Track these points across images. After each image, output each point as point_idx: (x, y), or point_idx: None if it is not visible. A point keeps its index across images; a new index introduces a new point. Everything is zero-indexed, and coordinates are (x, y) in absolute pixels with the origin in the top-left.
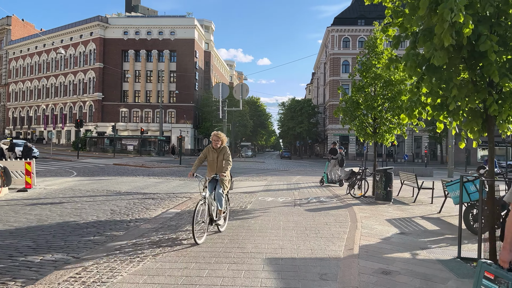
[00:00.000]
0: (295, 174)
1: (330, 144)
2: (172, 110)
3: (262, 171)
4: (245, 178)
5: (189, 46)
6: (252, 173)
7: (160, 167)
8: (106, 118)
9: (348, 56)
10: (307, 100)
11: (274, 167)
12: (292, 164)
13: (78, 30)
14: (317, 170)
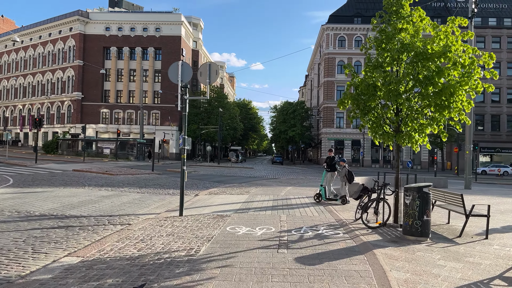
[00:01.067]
0: (285, 184)
1: (326, 151)
2: (157, 111)
3: (248, 179)
4: (222, 190)
5: (176, 44)
6: (235, 182)
7: (127, 174)
8: (86, 119)
9: (344, 56)
10: (300, 102)
11: (263, 174)
12: (283, 171)
13: (57, 26)
14: (311, 179)
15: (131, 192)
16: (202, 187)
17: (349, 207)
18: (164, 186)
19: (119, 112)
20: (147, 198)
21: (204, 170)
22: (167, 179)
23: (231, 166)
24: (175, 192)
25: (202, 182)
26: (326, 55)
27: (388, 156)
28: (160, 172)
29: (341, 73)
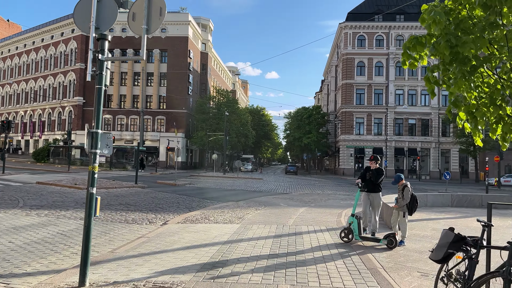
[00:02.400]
0: (297, 203)
1: (345, 159)
2: (162, 117)
3: (251, 195)
4: (206, 215)
5: (182, 45)
6: (232, 200)
7: (101, 188)
8: (87, 126)
9: (364, 56)
10: (316, 107)
11: (271, 188)
12: (297, 183)
13: (59, 28)
14: (330, 194)
15: (70, 218)
16: (183, 208)
17: (408, 260)
18: (132, 207)
19: (122, 118)
20: (81, 231)
21: (203, 182)
22: (145, 195)
23: (238, 176)
24: (140, 217)
25: (189, 199)
26: (344, 55)
27: (414, 165)
28: (144, 186)
29: (361, 75)
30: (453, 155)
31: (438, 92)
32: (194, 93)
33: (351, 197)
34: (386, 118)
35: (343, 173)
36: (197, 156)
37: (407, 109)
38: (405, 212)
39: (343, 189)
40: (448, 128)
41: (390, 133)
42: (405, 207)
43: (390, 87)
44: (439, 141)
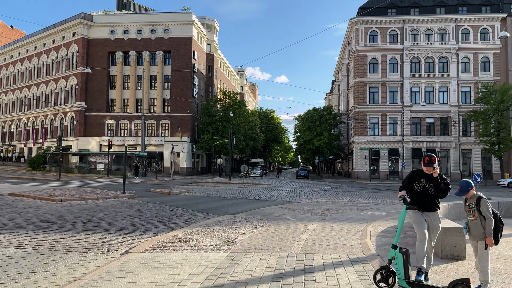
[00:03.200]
0: (308, 215)
1: (359, 162)
2: (166, 121)
3: (254, 205)
4: (187, 237)
5: (186, 46)
6: (230, 212)
7: (77, 200)
8: (90, 131)
9: (377, 52)
10: (327, 108)
11: (279, 195)
12: (308, 189)
13: (60, 31)
14: (347, 202)
15: (3, 246)
16: (165, 226)
17: None
18: (100, 225)
19: (125, 122)
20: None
21: (203, 190)
22: (127, 208)
23: (244, 182)
24: (101, 241)
25: (177, 213)
26: (356, 52)
27: None
28: (132, 195)
29: (374, 72)
30: (475, 156)
31: (457, 89)
32: (199, 96)
33: (372, 205)
34: (402, 118)
35: (357, 177)
36: (203, 161)
37: (424, 108)
38: (485, 242)
39: (360, 195)
40: (469, 127)
41: (406, 133)
42: (481, 227)
43: (405, 84)
44: (459, 141)
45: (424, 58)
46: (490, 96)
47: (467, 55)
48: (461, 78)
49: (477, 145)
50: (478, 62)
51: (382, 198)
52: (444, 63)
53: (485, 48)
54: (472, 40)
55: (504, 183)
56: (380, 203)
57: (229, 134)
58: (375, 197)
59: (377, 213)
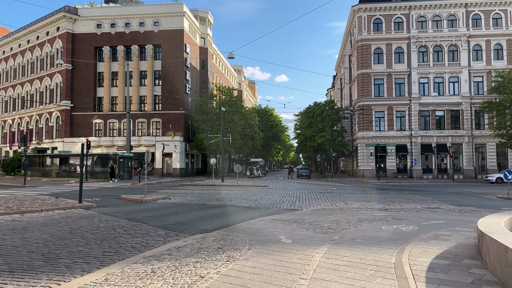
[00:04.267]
0: (309, 235)
1: (364, 159)
2: (157, 119)
3: (240, 215)
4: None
5: (178, 39)
6: (203, 228)
7: (15, 213)
8: (76, 132)
9: (381, 42)
10: (329, 102)
11: (274, 200)
12: (310, 190)
13: (44, 26)
14: (359, 209)
15: None
16: (91, 259)
17: None
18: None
19: (114, 122)
20: None
21: (186, 195)
22: (66, 226)
23: (238, 184)
24: None
25: (134, 229)
26: (359, 42)
27: (444, 163)
28: (91, 205)
29: (379, 63)
30: (489, 150)
31: (469, 78)
32: (193, 92)
33: (391, 213)
34: (410, 111)
35: (362, 175)
36: (199, 161)
37: (433, 100)
38: None
39: (371, 198)
40: (482, 120)
41: (415, 128)
42: None
43: (412, 75)
44: (472, 135)
45: (432, 47)
46: (506, 85)
47: (478, 42)
48: (473, 67)
49: (492, 138)
50: (491, 50)
51: (400, 202)
52: (454, 52)
53: (497, 35)
54: (484, 26)
55: (492, 178)
56: (401, 210)
57: (221, 131)
58: (390, 200)
59: (404, 226)
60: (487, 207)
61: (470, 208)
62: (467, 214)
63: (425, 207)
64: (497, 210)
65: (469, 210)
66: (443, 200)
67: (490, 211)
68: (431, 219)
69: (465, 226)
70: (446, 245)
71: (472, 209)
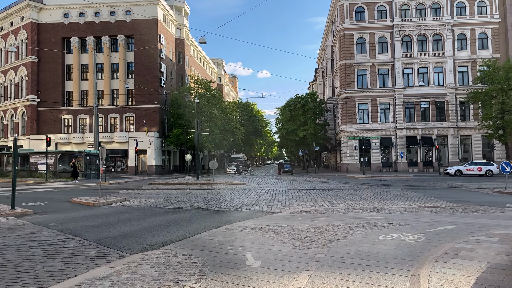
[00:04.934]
0: (286, 251)
1: (347, 153)
2: (131, 114)
3: (203, 221)
4: None
5: (151, 29)
6: (152, 241)
7: None
8: (44, 129)
9: (364, 31)
10: (311, 94)
11: (250, 201)
12: (292, 187)
13: (8, 16)
14: (347, 210)
15: None
16: None
17: None
18: None
19: (85, 118)
20: None
21: (150, 196)
22: None
23: (213, 182)
24: None
25: (58, 247)
26: (341, 31)
27: (429, 156)
28: (26, 212)
29: (362, 53)
30: (475, 142)
31: (453, 68)
32: (168, 85)
33: (385, 215)
34: (394, 103)
35: (346, 170)
36: (176, 158)
37: (418, 90)
38: None
39: (358, 195)
40: (468, 111)
41: (399, 120)
42: None
43: (396, 65)
44: (457, 126)
45: (416, 36)
46: (492, 74)
47: (463, 31)
48: (458, 57)
49: (477, 130)
50: (476, 39)
51: (392, 200)
52: (438, 41)
53: (482, 23)
54: (468, 14)
55: (451, 171)
56: (396, 210)
57: (196, 125)
58: (380, 198)
59: (406, 235)
60: (490, 204)
61: (473, 207)
62: (474, 215)
63: (421, 205)
64: (503, 207)
65: (474, 210)
66: (437, 196)
67: (498, 210)
68: (435, 223)
69: (483, 234)
70: (474, 267)
71: (476, 208)
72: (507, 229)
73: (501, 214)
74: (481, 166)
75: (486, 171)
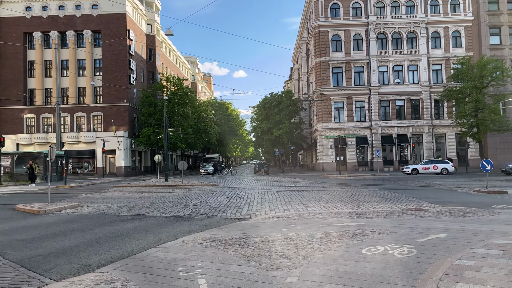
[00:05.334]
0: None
1: (323, 152)
2: (99, 113)
3: (165, 229)
4: None
5: (120, 24)
6: (85, 261)
7: None
8: (4, 129)
9: (340, 28)
10: (286, 93)
11: (219, 205)
12: (266, 188)
13: None
14: (325, 215)
15: None
16: None
17: None
18: None
19: (49, 117)
20: None
21: (108, 200)
22: None
23: (183, 184)
24: None
25: None
26: (316, 28)
27: (405, 155)
28: None
29: (337, 51)
30: (449, 140)
31: (428, 66)
32: (139, 83)
33: (365, 220)
34: (370, 101)
35: (322, 169)
36: (148, 159)
37: (393, 89)
38: None
39: (335, 197)
40: (442, 109)
41: (375, 118)
42: None
43: (372, 63)
44: (432, 125)
45: (391, 34)
46: (466, 72)
47: (437, 29)
48: (432, 55)
49: (452, 128)
50: (449, 37)
51: (371, 202)
52: (413, 39)
53: (456, 21)
54: (442, 12)
55: (407, 170)
56: (377, 214)
57: (164, 123)
58: (358, 199)
59: (395, 248)
60: (475, 205)
61: (459, 209)
62: (463, 219)
63: (403, 208)
64: (491, 209)
65: (461, 212)
66: (418, 197)
67: (487, 212)
68: (424, 230)
69: (484, 245)
70: None
71: (463, 210)
72: (507, 237)
73: (492, 217)
74: (436, 164)
75: (442, 169)
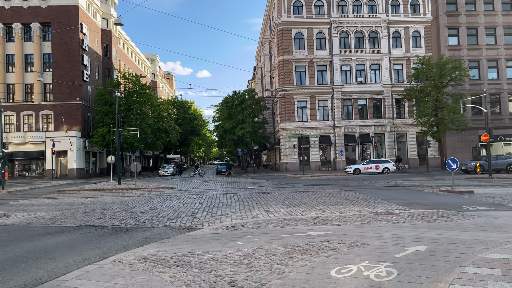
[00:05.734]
0: None
1: (287, 152)
2: (48, 111)
3: (94, 246)
4: None
5: (71, 17)
6: None
7: None
8: None
9: (302, 26)
10: (249, 91)
11: (170, 211)
12: (225, 190)
13: None
14: (287, 223)
15: None
16: None
17: None
18: None
19: None
20: None
21: (45, 207)
22: None
23: (136, 187)
24: None
25: None
26: (279, 26)
27: (367, 154)
28: None
29: (300, 49)
30: (409, 139)
31: (389, 66)
32: (93, 80)
33: (332, 228)
34: (333, 100)
35: (286, 169)
36: (103, 160)
37: (356, 88)
38: None
39: (298, 199)
40: (403, 108)
41: (338, 118)
42: None
43: (334, 62)
44: (394, 124)
45: (353, 32)
46: (426, 72)
47: (398, 29)
48: (393, 55)
49: (412, 127)
50: (410, 37)
51: (337, 205)
52: (374, 38)
53: (416, 22)
54: (402, 12)
55: (350, 170)
56: (345, 221)
57: (116, 121)
58: (323, 202)
59: (371, 268)
60: (445, 206)
61: (431, 212)
62: (439, 225)
63: (372, 212)
64: (463, 211)
65: (434, 216)
66: (385, 198)
67: (461, 215)
68: (399, 240)
69: (475, 262)
70: None
71: (436, 214)
72: (497, 249)
73: (469, 222)
74: (378, 164)
75: (383, 169)
